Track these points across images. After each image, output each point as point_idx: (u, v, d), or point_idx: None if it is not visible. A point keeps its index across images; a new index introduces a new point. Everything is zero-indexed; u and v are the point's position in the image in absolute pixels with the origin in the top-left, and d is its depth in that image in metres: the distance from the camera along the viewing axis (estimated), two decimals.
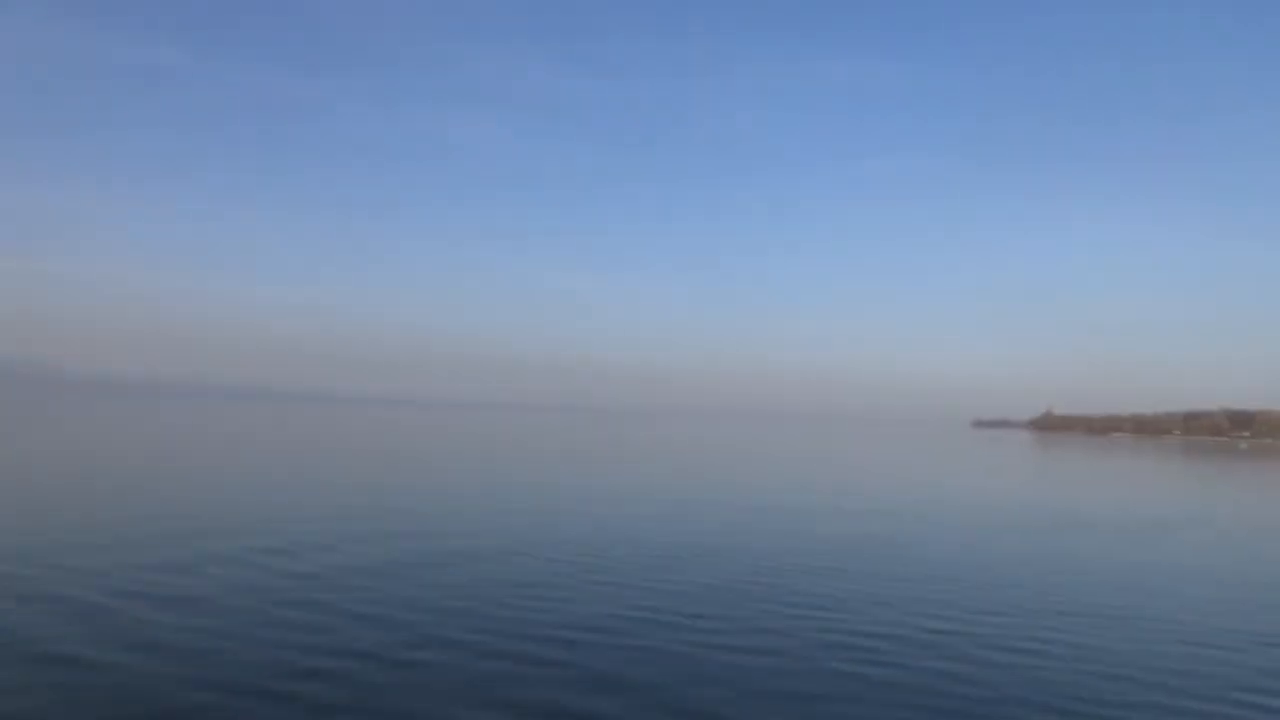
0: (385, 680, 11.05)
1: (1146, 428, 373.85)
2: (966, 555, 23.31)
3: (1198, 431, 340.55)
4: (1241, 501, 50.28)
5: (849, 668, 12.22)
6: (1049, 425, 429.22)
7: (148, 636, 12.43)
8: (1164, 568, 22.91)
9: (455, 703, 10.38)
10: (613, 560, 20.09)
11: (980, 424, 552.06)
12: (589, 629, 13.85)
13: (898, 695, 11.15)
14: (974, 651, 13.35)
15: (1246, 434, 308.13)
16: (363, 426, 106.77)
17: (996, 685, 11.73)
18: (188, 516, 24.35)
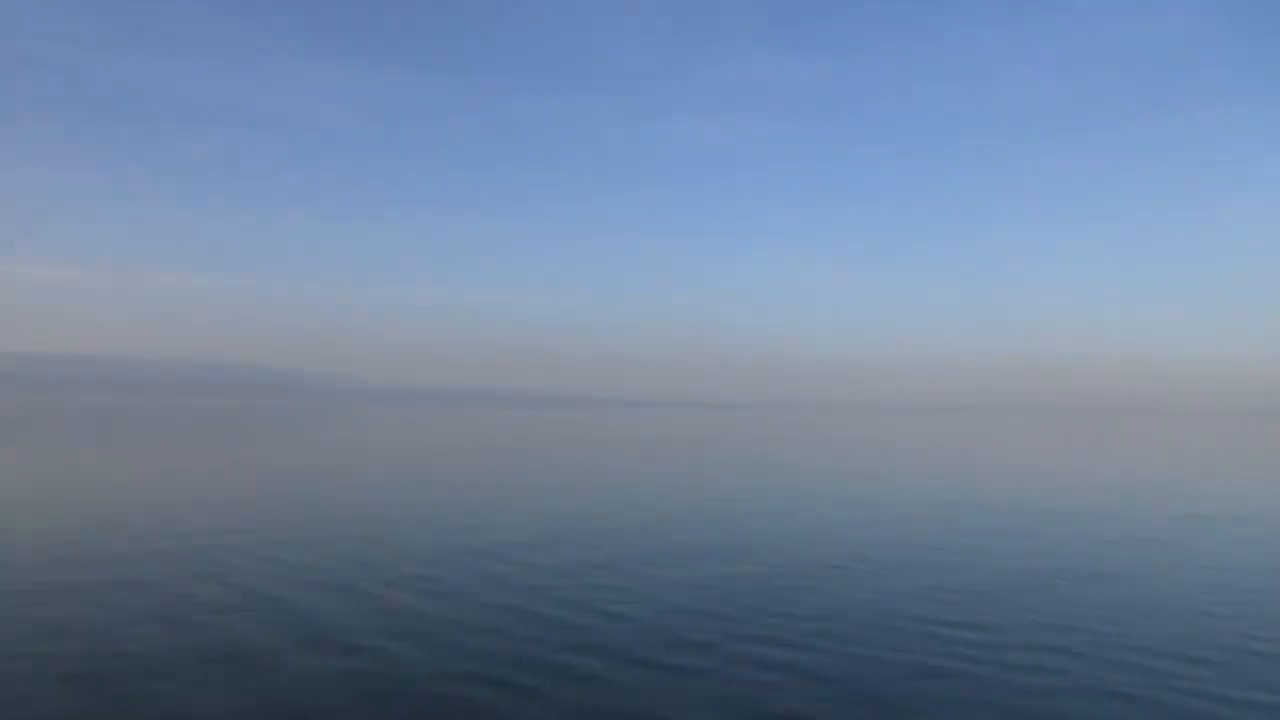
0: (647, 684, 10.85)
1: None
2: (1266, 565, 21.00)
3: None
4: None
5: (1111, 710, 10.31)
6: None
7: (426, 628, 13.24)
8: None
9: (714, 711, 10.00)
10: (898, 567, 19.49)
11: None
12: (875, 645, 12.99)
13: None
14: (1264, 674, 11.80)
15: None
16: (657, 429, 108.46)
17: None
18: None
